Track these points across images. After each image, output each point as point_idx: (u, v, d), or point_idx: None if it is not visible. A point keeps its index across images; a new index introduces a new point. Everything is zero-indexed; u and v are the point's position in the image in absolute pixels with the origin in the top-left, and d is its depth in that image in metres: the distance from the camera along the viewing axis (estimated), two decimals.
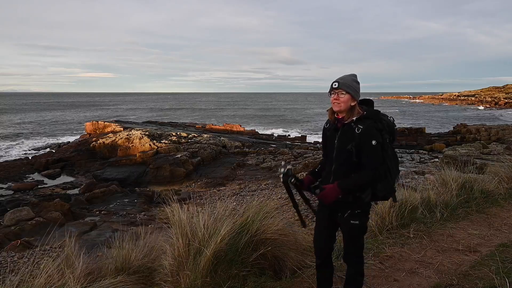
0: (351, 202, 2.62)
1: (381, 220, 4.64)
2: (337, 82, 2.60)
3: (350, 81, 2.61)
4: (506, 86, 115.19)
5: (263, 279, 3.25)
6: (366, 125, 2.57)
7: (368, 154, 2.55)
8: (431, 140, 29.77)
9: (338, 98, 2.59)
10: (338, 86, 2.59)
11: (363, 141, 2.55)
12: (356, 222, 2.65)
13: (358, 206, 2.63)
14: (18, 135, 42.60)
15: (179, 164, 20.39)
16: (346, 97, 2.59)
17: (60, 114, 79.68)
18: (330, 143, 2.73)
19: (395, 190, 2.77)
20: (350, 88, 2.59)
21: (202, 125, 41.58)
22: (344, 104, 2.59)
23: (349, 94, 2.59)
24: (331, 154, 2.71)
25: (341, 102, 2.59)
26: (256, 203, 3.67)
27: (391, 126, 2.69)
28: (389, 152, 2.64)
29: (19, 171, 21.98)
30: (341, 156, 2.63)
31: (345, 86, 2.58)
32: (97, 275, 3.34)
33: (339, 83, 2.59)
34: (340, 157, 2.63)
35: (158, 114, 76.56)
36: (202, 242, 3.18)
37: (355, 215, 2.64)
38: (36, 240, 10.97)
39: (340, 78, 2.63)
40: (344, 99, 2.59)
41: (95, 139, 26.99)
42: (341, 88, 2.58)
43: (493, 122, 46.47)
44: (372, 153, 2.54)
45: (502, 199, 5.96)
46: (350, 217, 2.64)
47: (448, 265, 3.78)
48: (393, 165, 2.65)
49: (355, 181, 2.57)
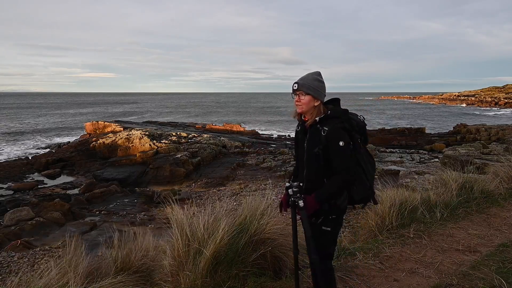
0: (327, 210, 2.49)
1: (381, 220, 4.64)
2: (297, 83, 2.51)
3: (311, 81, 2.51)
4: (506, 86, 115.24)
5: (263, 279, 3.25)
6: (331, 126, 2.46)
7: (336, 156, 2.43)
8: (431, 140, 29.77)
9: (299, 100, 2.51)
10: (298, 88, 2.50)
11: (330, 143, 2.44)
12: (328, 228, 2.53)
13: (334, 212, 2.52)
14: (18, 135, 42.62)
15: (179, 164, 20.39)
16: (307, 98, 2.50)
17: (60, 114, 79.66)
18: (300, 146, 2.64)
19: (374, 192, 2.64)
20: (310, 89, 2.49)
21: (202, 125, 41.60)
22: (305, 106, 2.51)
23: (309, 95, 2.49)
24: (301, 157, 2.62)
25: (303, 103, 2.51)
26: (255, 203, 3.67)
27: (361, 126, 2.58)
28: (362, 152, 2.55)
29: (19, 171, 21.99)
30: (311, 160, 2.53)
31: (304, 87, 2.49)
32: (97, 275, 3.34)
33: (299, 84, 2.50)
34: (310, 161, 2.54)
35: (157, 114, 76.59)
36: (202, 242, 3.18)
37: (328, 220, 2.52)
38: (36, 240, 10.98)
39: (300, 78, 2.54)
40: (305, 100, 2.50)
41: (95, 139, 27.00)
42: (301, 89, 2.50)
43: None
44: (340, 154, 2.42)
45: (502, 199, 5.95)
46: (323, 222, 2.52)
47: (448, 265, 3.78)
48: (368, 166, 2.55)
49: (328, 189, 2.45)
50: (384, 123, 53.12)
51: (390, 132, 32.49)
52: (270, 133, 40.63)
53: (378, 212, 4.71)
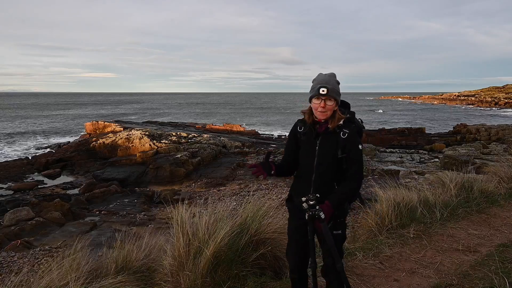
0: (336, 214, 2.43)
1: (381, 220, 4.64)
2: (326, 87, 2.32)
3: (336, 85, 2.40)
4: (506, 86, 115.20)
5: (263, 279, 3.25)
6: (351, 130, 2.39)
7: (356, 160, 2.38)
8: (431, 140, 29.76)
9: (324, 106, 2.35)
10: (328, 93, 2.33)
11: (350, 146, 2.37)
12: (339, 232, 2.50)
13: (341, 214, 2.49)
14: (18, 135, 42.61)
15: (179, 164, 20.39)
16: (333, 103, 2.38)
17: (60, 114, 79.66)
18: (307, 149, 2.50)
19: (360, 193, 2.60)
20: (338, 94, 2.39)
21: (202, 125, 41.60)
22: (330, 112, 2.39)
23: (335, 100, 2.38)
24: (308, 162, 2.48)
25: (328, 110, 2.37)
26: (255, 203, 3.67)
27: (360, 129, 2.52)
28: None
29: (19, 171, 21.97)
30: (323, 164, 2.43)
31: (334, 93, 2.35)
32: (97, 275, 3.34)
33: (328, 89, 2.33)
34: (323, 166, 2.43)
35: (157, 114, 76.59)
36: (202, 242, 3.18)
37: (337, 224, 2.49)
38: (36, 240, 10.97)
39: (326, 82, 2.36)
40: (331, 106, 2.37)
41: (95, 139, 26.99)
42: (331, 94, 2.34)
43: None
44: (360, 158, 2.39)
45: (502, 199, 5.96)
46: (333, 227, 2.46)
47: (448, 265, 3.78)
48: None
49: (346, 194, 2.40)
50: (384, 123, 53.15)
51: (390, 132, 32.50)
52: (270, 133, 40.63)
53: (378, 212, 4.71)
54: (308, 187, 2.48)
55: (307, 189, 2.47)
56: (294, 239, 2.63)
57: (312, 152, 2.46)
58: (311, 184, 2.47)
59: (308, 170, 2.49)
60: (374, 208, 4.86)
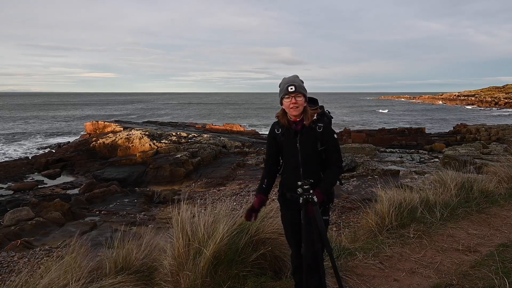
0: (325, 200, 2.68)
1: (381, 220, 4.64)
2: (293, 85, 2.60)
3: (301, 83, 2.66)
4: (506, 86, 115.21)
5: (263, 279, 3.25)
6: (324, 122, 2.67)
7: (335, 149, 2.67)
8: (431, 140, 29.76)
9: (296, 102, 2.61)
10: (296, 90, 2.59)
11: (327, 137, 2.65)
12: (327, 217, 2.74)
13: (329, 200, 2.71)
14: (18, 135, 42.61)
15: (179, 164, 20.38)
16: (303, 99, 2.63)
17: (60, 114, 79.65)
18: (289, 148, 2.72)
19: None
20: (305, 90, 2.66)
21: (202, 125, 41.59)
22: (301, 106, 2.64)
23: (304, 96, 2.64)
24: (292, 159, 2.70)
25: (299, 105, 2.62)
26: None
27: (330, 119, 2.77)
28: None
29: (19, 171, 21.97)
30: (307, 159, 2.66)
31: (301, 89, 2.62)
32: (97, 275, 3.34)
33: (296, 86, 2.60)
34: (307, 159, 2.67)
35: (156, 114, 76.58)
36: (202, 242, 3.18)
37: (325, 210, 2.72)
38: (36, 240, 10.98)
39: (292, 81, 2.63)
40: (301, 101, 2.62)
41: (95, 139, 26.99)
42: (299, 90, 2.60)
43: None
44: (337, 147, 2.68)
45: (502, 199, 5.95)
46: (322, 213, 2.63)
47: (448, 265, 3.78)
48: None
49: (331, 181, 2.67)
50: (384, 123, 53.13)
51: (390, 132, 32.49)
52: None
53: (378, 212, 4.71)
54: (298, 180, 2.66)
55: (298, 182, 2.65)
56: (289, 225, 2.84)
57: (295, 149, 2.69)
58: (300, 177, 2.67)
59: (295, 166, 2.71)
60: (374, 208, 4.86)
